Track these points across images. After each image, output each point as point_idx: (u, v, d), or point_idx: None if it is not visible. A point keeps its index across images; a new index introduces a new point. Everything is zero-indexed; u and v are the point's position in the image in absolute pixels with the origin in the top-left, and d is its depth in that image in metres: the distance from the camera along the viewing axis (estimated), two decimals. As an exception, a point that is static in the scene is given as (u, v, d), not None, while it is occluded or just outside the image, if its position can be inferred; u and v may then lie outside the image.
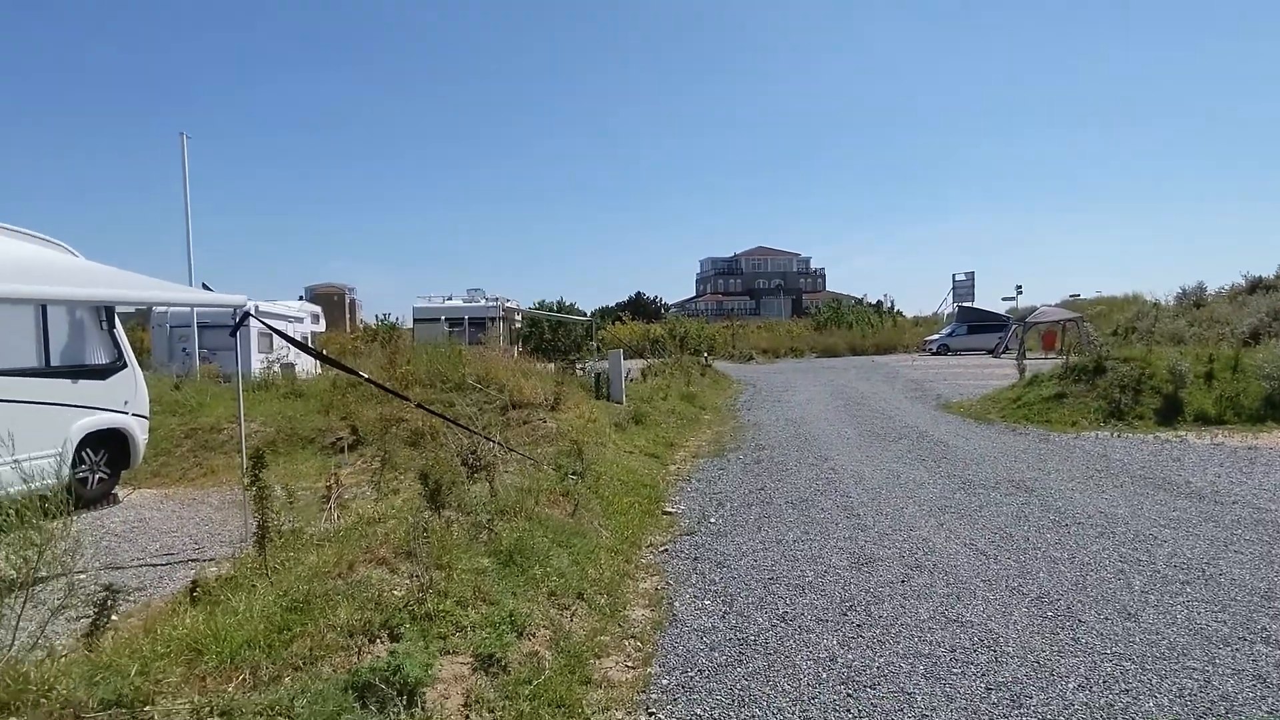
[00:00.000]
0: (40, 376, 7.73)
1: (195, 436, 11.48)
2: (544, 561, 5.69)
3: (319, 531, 5.79)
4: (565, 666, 4.48)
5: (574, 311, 43.20)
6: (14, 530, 3.50)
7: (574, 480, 8.14)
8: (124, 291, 7.67)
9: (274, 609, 4.07)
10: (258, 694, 3.35)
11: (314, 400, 13.78)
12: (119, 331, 8.85)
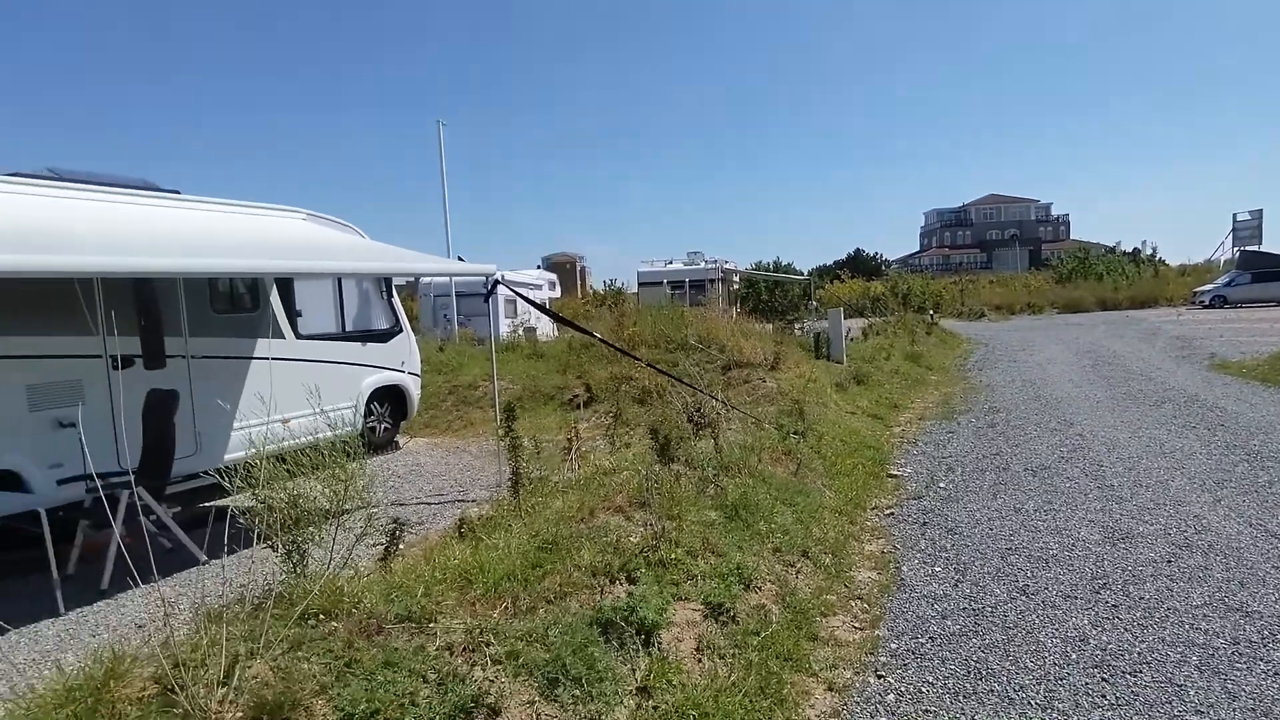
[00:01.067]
0: (339, 340, 8.93)
1: (456, 393, 12.73)
2: (768, 518, 5.69)
3: (562, 479, 6.20)
4: (792, 622, 4.48)
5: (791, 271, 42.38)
6: (325, 469, 4.08)
7: (796, 439, 8.04)
8: (400, 265, 8.62)
9: (528, 547, 4.43)
10: (518, 621, 3.68)
11: (553, 361, 14.72)
12: (396, 300, 9.97)
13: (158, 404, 5.76)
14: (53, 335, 6.09)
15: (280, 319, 8.09)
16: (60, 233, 5.56)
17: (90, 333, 6.27)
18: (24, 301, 5.85)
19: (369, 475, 4.41)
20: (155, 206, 6.93)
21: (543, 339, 18.29)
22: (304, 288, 8.45)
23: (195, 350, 7.10)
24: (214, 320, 7.38)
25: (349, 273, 8.52)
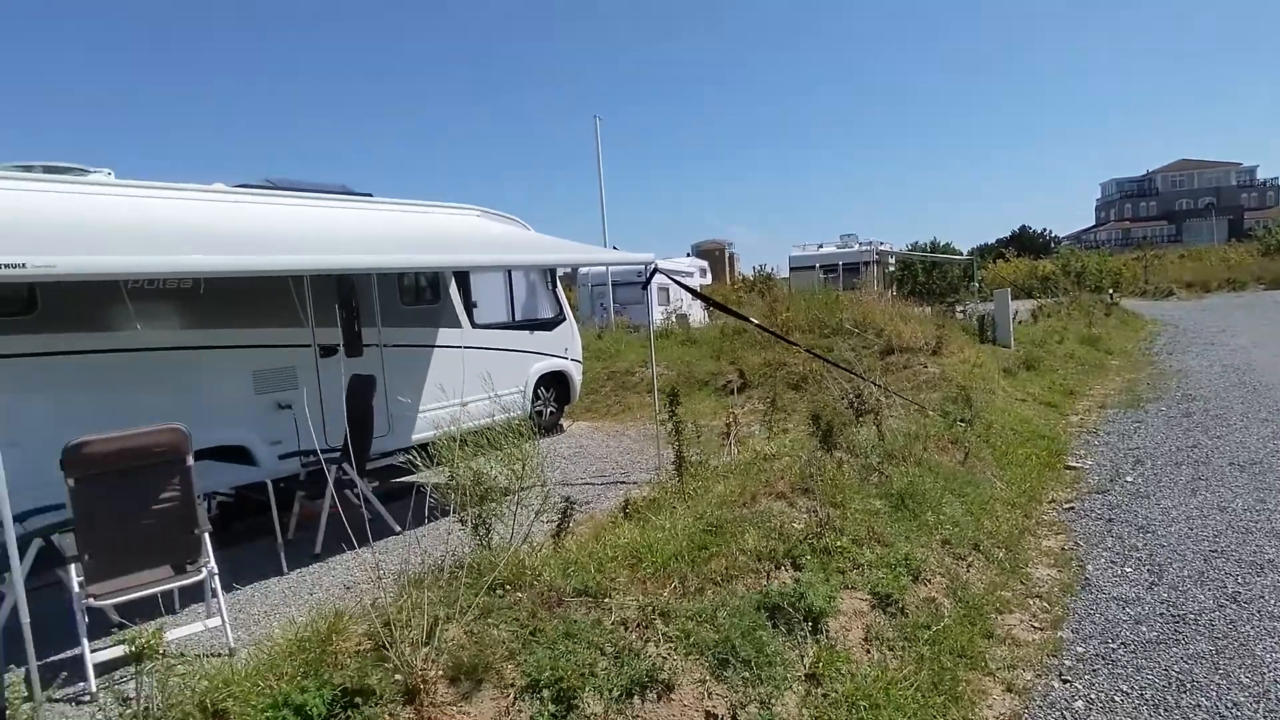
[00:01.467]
0: (509, 329, 9.40)
1: (614, 378, 13.06)
2: (936, 508, 5.45)
3: (721, 464, 6.22)
4: (965, 617, 4.28)
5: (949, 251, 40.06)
6: (502, 449, 4.32)
7: (962, 427, 7.63)
8: (566, 256, 8.94)
9: (693, 529, 4.49)
10: (687, 601, 3.75)
11: (706, 347, 14.76)
12: (560, 291, 10.36)
13: (359, 388, 6.31)
14: (271, 327, 6.80)
15: (458, 310, 8.62)
16: (276, 235, 6.19)
17: (301, 324, 6.97)
18: (248, 297, 6.57)
19: (541, 456, 4.63)
20: (352, 209, 7.57)
21: (695, 325, 18.38)
22: (478, 280, 8.95)
23: (387, 339, 7.70)
24: (402, 312, 7.98)
25: (520, 265, 8.93)
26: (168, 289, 6.05)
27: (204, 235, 5.51)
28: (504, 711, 3.06)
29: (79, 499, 3.95)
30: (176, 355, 6.16)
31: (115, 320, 5.76)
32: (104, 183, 5.68)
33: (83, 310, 5.57)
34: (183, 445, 4.24)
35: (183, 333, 6.19)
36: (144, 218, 5.46)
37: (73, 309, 5.50)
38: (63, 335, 5.38)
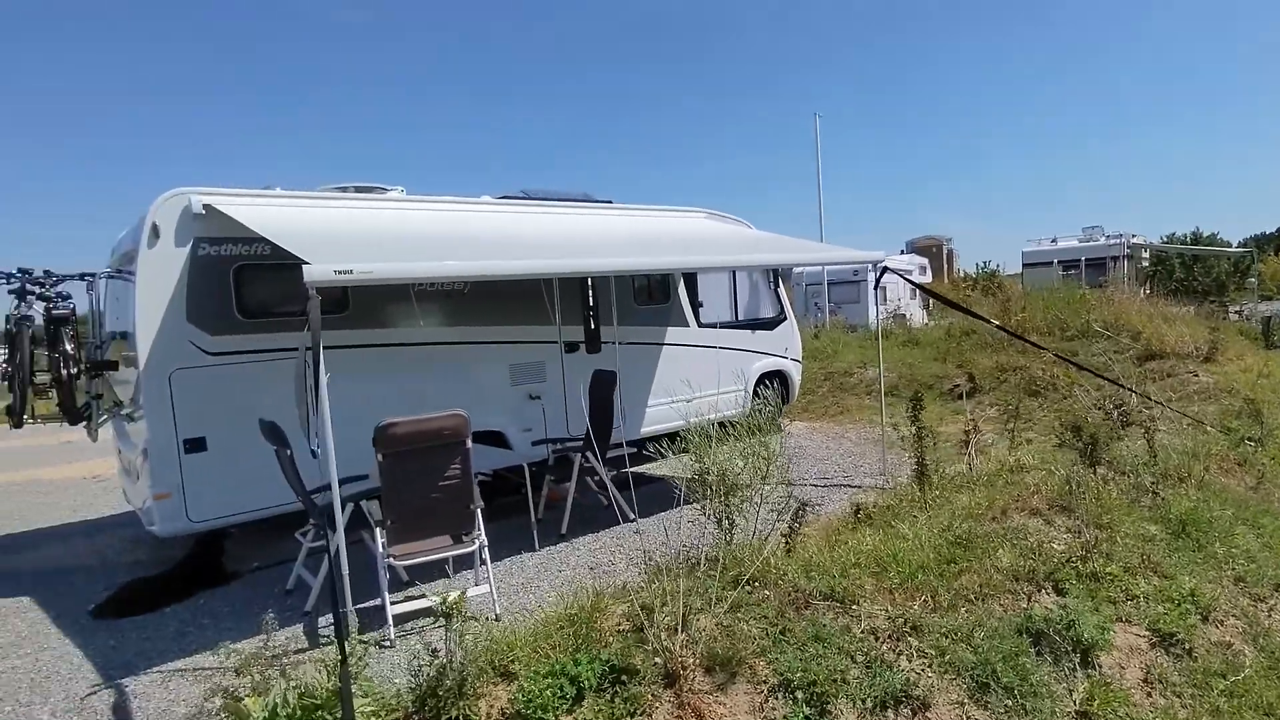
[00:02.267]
0: (732, 328, 9.50)
1: (832, 379, 12.74)
2: (1225, 539, 4.76)
3: (961, 474, 5.86)
4: (1270, 669, 3.71)
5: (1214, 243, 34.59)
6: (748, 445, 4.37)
7: (1252, 447, 6.59)
8: (789, 255, 8.86)
9: (939, 541, 4.27)
10: (939, 617, 3.58)
11: (929, 348, 13.95)
12: (782, 290, 10.29)
13: (602, 382, 6.67)
14: (525, 325, 7.37)
15: (686, 309, 8.84)
16: (532, 241, 6.71)
17: (549, 323, 7.50)
18: (506, 298, 7.17)
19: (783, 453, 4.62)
20: (593, 215, 8.01)
21: (914, 325, 17.45)
22: (704, 280, 9.12)
23: (622, 337, 8.07)
24: (636, 311, 8.32)
25: (747, 266, 8.98)
26: (443, 291, 6.76)
27: (477, 242, 6.10)
28: (758, 708, 3.10)
29: (385, 472, 4.53)
30: (449, 349, 6.86)
31: (404, 318, 6.54)
32: (398, 199, 6.48)
33: (380, 309, 6.39)
34: (464, 429, 4.72)
35: (454, 329, 6.89)
36: (429, 228, 6.14)
37: (373, 308, 6.32)
38: (365, 330, 6.19)
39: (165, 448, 5.27)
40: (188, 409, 5.35)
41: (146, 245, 5.20)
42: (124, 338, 5.66)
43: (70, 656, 4.38)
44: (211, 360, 5.47)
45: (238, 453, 5.49)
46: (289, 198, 5.80)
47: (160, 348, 5.25)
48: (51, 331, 5.50)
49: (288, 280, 5.79)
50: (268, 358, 5.71)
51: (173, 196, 5.29)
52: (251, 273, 5.65)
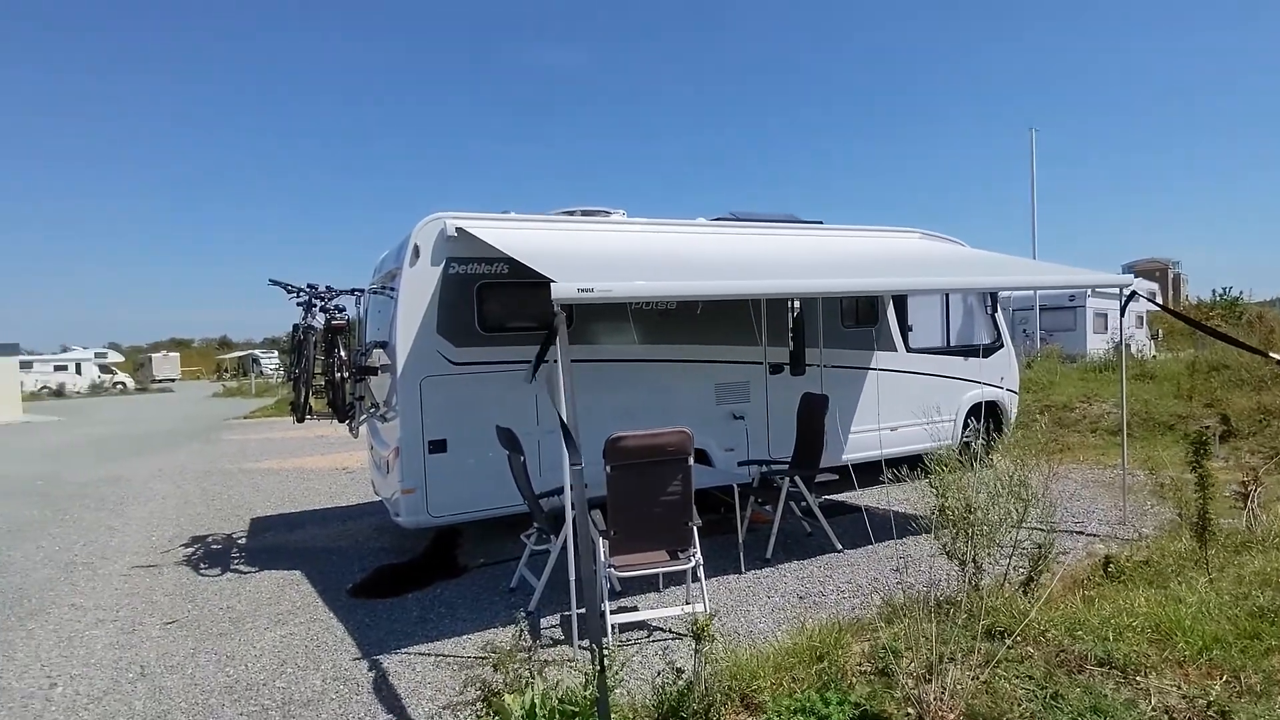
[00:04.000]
0: (943, 354, 8.96)
1: (1049, 413, 11.66)
2: None
3: (1241, 531, 5.10)
4: None
5: None
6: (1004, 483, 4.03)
7: None
8: (1012, 277, 8.21)
9: (1233, 611, 3.72)
10: (1250, 703, 3.09)
11: (1166, 383, 12.44)
12: (999, 315, 9.58)
13: (812, 406, 6.50)
14: (730, 345, 7.36)
15: (894, 333, 8.45)
16: (741, 261, 6.69)
17: (755, 343, 7.43)
18: (713, 317, 7.20)
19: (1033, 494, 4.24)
20: (801, 235, 7.87)
21: (1138, 357, 15.63)
22: (915, 303, 8.68)
23: (827, 360, 7.85)
24: (842, 334, 8.07)
25: (962, 288, 8.45)
26: (656, 309, 6.90)
27: (692, 262, 6.17)
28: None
29: (612, 483, 4.65)
30: (656, 366, 6.99)
31: (616, 335, 6.74)
32: (620, 221, 6.72)
33: (595, 326, 6.63)
34: (688, 446, 4.75)
35: (662, 347, 7.01)
36: (649, 249, 6.30)
37: (589, 325, 6.58)
38: (581, 346, 6.44)
39: (413, 447, 5.76)
40: (433, 413, 5.83)
41: (408, 264, 5.74)
42: (383, 346, 6.27)
43: (334, 629, 4.85)
44: (455, 369, 5.93)
45: (473, 455, 5.89)
46: (526, 221, 6.18)
47: (414, 356, 5.76)
48: (329, 340, 6.22)
49: (522, 297, 6.19)
50: (502, 368, 6.09)
51: (431, 220, 5.82)
52: (491, 290, 6.08)
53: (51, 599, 5.71)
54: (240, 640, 4.71)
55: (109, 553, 7.08)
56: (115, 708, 3.86)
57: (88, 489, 10.87)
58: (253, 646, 4.60)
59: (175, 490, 10.49)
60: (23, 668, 4.42)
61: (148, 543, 7.43)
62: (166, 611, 5.32)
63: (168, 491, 10.41)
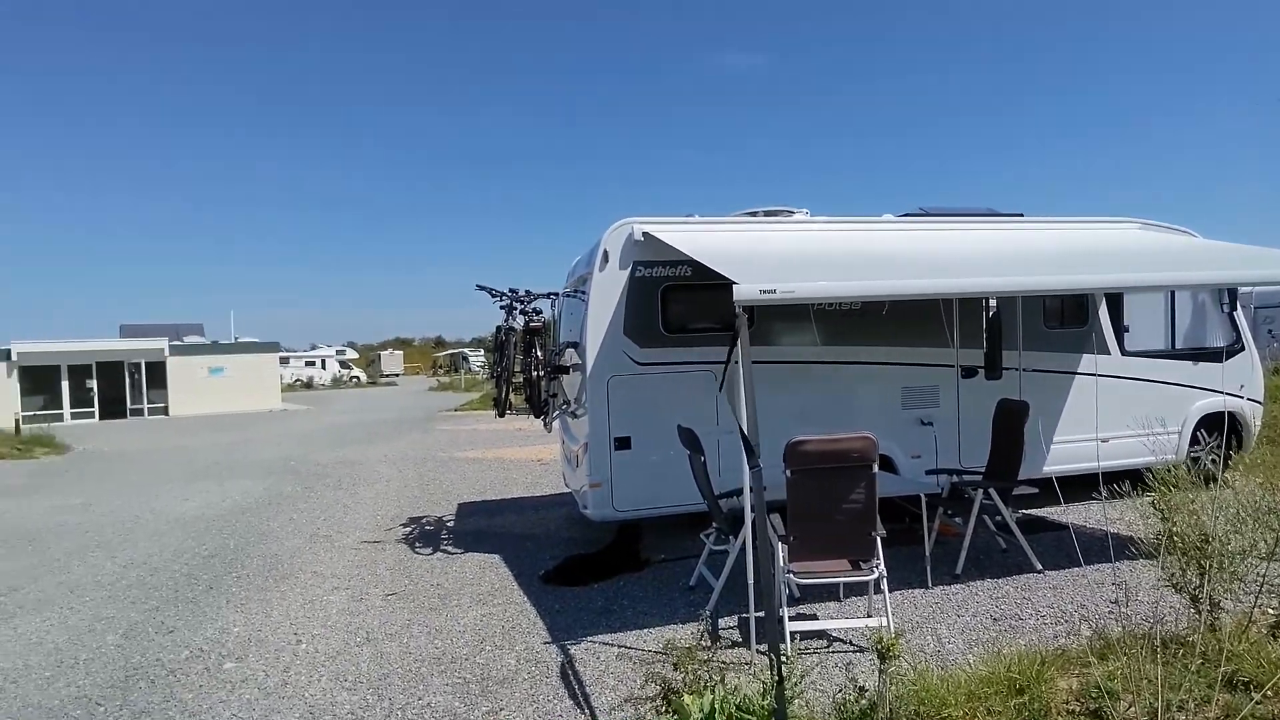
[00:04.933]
0: (1167, 359, 7.87)
1: (1304, 427, 9.90)
2: None
3: None
4: None
5: None
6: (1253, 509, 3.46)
7: None
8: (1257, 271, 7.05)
9: None
10: None
11: None
12: (1239, 314, 8.26)
13: (1009, 413, 5.95)
14: (919, 346, 6.92)
15: (1107, 334, 7.55)
16: (933, 259, 6.24)
17: (945, 345, 6.93)
18: (900, 318, 6.80)
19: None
20: (999, 229, 7.23)
21: None
22: (1134, 301, 7.70)
23: (1027, 364, 7.16)
24: (1045, 335, 7.33)
25: (1190, 284, 7.37)
26: (839, 310, 6.63)
27: (879, 261, 5.86)
28: None
29: (792, 488, 4.51)
30: (839, 369, 6.72)
31: (797, 336, 6.56)
32: (803, 220, 6.53)
33: (776, 327, 6.49)
34: (871, 452, 4.51)
35: (845, 348, 6.72)
36: (833, 248, 6.08)
37: (770, 326, 6.45)
38: (761, 347, 6.32)
39: (600, 443, 5.96)
40: (619, 411, 6.00)
41: (598, 268, 5.96)
42: (574, 346, 6.54)
43: (528, 612, 5.12)
44: (639, 369, 6.06)
45: (655, 453, 5.99)
46: (708, 224, 6.19)
47: (602, 356, 5.96)
48: (527, 340, 6.61)
49: (704, 299, 6.19)
50: (683, 369, 6.15)
51: (620, 226, 5.99)
52: (675, 292, 6.15)
53: (298, 565, 6.51)
54: (447, 616, 5.10)
55: (343, 528, 7.96)
56: (345, 667, 4.31)
57: (328, 470, 12.32)
58: (458, 622, 4.96)
59: (397, 474, 11.62)
60: (276, 624, 5.06)
61: (373, 520, 8.28)
62: (387, 584, 5.88)
63: (391, 475, 11.55)
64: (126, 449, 17.05)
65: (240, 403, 28.58)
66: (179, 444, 17.63)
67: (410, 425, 20.05)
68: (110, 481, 12.00)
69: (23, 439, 17.32)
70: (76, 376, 27.21)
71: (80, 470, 13.60)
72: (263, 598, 5.63)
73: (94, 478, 12.53)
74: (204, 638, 4.84)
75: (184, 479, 11.89)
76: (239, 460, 14.01)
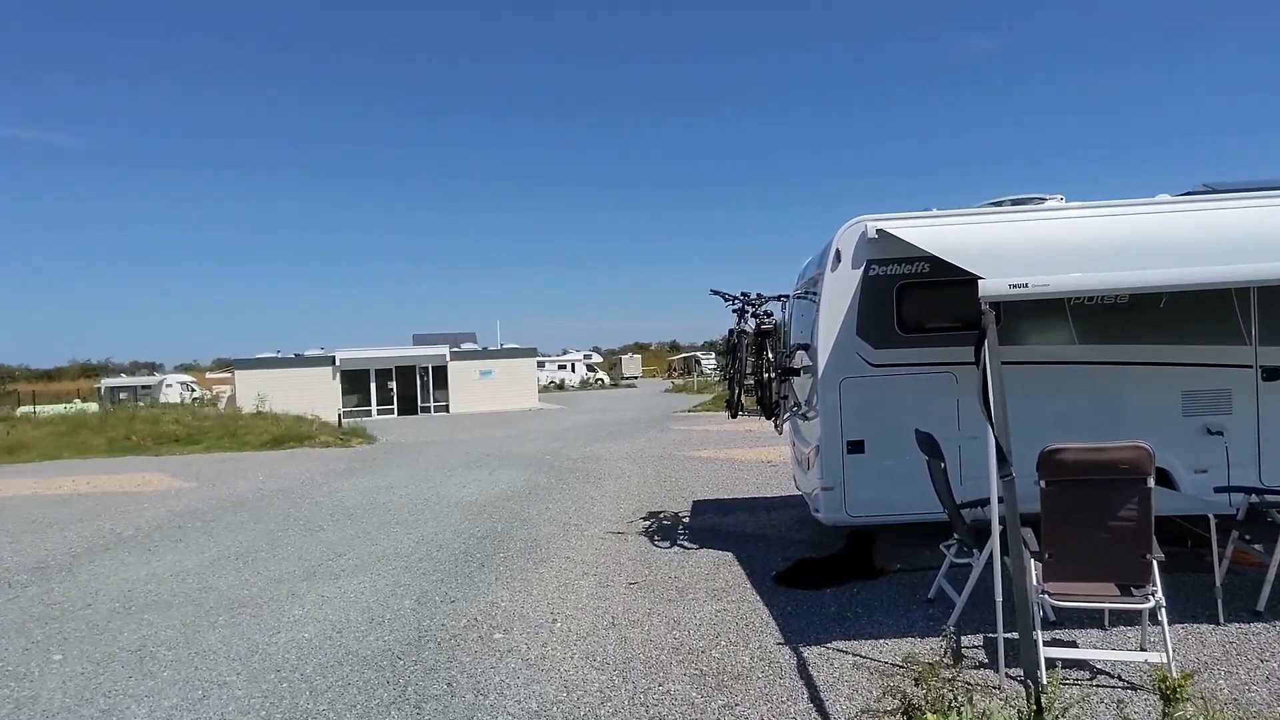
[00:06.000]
0: None
1: None
2: None
3: None
4: None
5: None
6: None
7: None
8: None
9: None
10: None
11: None
12: None
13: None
14: (1204, 344, 5.89)
15: None
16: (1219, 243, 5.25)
17: (1240, 342, 5.82)
18: (1179, 312, 5.83)
19: None
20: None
21: None
22: None
23: (1360, 365, 5.78)
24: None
25: None
26: (1102, 305, 5.85)
27: (1150, 248, 5.09)
28: None
29: (1047, 500, 4.05)
30: (1103, 370, 5.93)
31: (1053, 334, 5.89)
32: (1057, 208, 5.85)
33: (1027, 325, 5.87)
34: (1146, 464, 3.92)
35: (1111, 347, 5.91)
36: (1092, 236, 5.37)
37: (1020, 324, 5.85)
38: (1010, 347, 5.74)
39: (832, 446, 5.81)
40: (852, 414, 5.81)
41: (829, 268, 5.83)
42: (805, 349, 6.44)
43: (760, 612, 5.13)
44: (873, 371, 5.82)
45: (890, 457, 5.71)
46: (949, 217, 5.76)
47: (834, 358, 5.81)
48: (759, 343, 6.64)
49: (944, 297, 5.79)
50: (920, 370, 5.81)
51: (853, 224, 5.81)
52: (912, 290, 5.84)
53: (553, 551, 7.09)
54: (684, 608, 5.26)
55: (591, 518, 8.53)
56: (594, 648, 4.62)
57: (577, 464, 13.27)
58: (694, 615, 5.10)
59: (636, 470, 12.21)
60: (535, 602, 5.56)
61: (617, 513, 8.77)
62: (630, 573, 6.20)
63: (631, 471, 12.16)
64: (418, 440, 19.70)
65: (504, 402, 31.77)
66: (458, 438, 20.01)
67: (648, 424, 20.94)
68: (407, 468, 13.94)
69: (343, 430, 20.68)
70: (380, 378, 31.97)
71: (385, 458, 15.96)
72: (524, 578, 6.21)
73: (395, 465, 14.64)
74: (478, 609, 5.44)
75: (463, 468, 13.47)
76: (505, 453, 15.57)
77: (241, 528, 8.79)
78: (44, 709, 4.05)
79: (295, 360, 31.56)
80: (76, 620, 5.57)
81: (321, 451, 17.68)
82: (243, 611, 5.60)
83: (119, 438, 19.09)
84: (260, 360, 31.02)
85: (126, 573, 6.89)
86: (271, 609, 5.64)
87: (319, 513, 9.59)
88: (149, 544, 8.08)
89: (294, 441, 18.80)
